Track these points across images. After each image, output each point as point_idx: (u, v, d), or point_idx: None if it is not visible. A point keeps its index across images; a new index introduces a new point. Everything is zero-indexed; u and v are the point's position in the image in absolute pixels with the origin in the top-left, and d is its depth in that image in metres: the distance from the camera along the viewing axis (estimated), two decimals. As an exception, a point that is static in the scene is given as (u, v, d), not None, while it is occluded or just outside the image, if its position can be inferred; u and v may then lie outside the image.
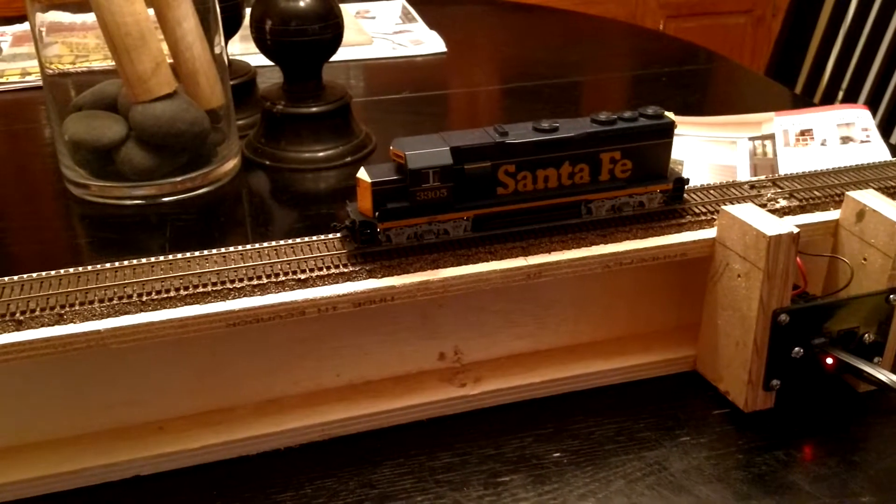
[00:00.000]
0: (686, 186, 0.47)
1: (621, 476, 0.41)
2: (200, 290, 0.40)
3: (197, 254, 0.43)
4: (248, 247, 0.43)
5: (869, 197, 0.46)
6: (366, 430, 0.45)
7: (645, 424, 0.45)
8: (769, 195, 0.48)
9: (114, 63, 0.61)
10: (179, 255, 0.43)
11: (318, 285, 0.41)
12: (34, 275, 0.41)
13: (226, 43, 0.70)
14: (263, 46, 0.68)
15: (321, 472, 0.42)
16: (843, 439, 0.44)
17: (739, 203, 0.46)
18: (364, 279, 0.42)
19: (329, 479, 0.42)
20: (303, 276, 0.41)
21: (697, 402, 0.46)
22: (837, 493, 0.40)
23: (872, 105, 1.07)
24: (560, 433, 0.44)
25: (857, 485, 0.41)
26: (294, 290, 0.41)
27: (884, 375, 0.42)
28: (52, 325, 0.38)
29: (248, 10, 0.72)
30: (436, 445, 0.44)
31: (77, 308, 0.39)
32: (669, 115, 0.45)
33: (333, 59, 0.71)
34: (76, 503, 0.41)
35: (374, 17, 1.14)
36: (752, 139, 0.75)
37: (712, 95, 0.94)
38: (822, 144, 0.73)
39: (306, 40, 0.67)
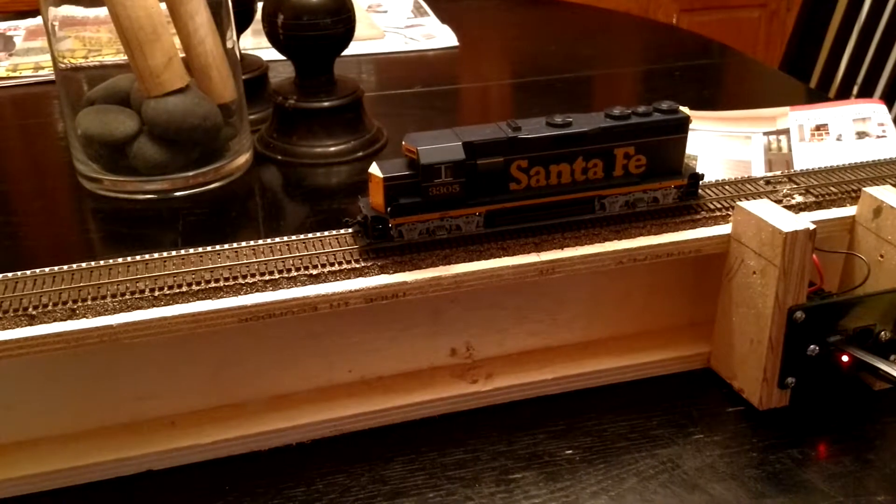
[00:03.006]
0: (701, 182, 0.46)
1: (634, 474, 0.41)
2: (213, 285, 0.40)
3: (209, 249, 0.43)
4: (260, 242, 0.43)
5: (886, 193, 0.45)
6: (377, 425, 0.44)
7: (658, 422, 0.44)
8: (785, 191, 0.48)
9: (126, 57, 0.61)
10: (192, 251, 0.42)
11: (330, 281, 0.41)
12: (47, 269, 0.41)
13: (238, 37, 0.70)
14: (275, 41, 0.68)
15: (333, 467, 0.42)
16: (858, 438, 0.43)
17: (755, 199, 0.46)
18: (376, 275, 0.42)
19: (340, 474, 0.42)
20: (315, 272, 0.41)
21: (711, 400, 0.46)
22: (852, 492, 0.40)
23: (888, 100, 1.06)
24: (572, 430, 0.44)
25: (872, 483, 0.41)
26: (306, 285, 0.41)
27: (900, 374, 0.42)
28: (65, 320, 0.38)
29: (259, 5, 0.71)
30: (447, 442, 0.43)
31: (90, 303, 0.39)
32: (684, 110, 0.45)
33: (345, 53, 0.71)
34: (89, 498, 0.41)
35: (385, 11, 1.14)
36: (766, 134, 0.74)
37: (726, 90, 0.93)
38: (838, 139, 0.73)
39: (318, 35, 0.67)
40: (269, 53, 0.77)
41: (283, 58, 0.71)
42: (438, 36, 1.04)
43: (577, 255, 0.43)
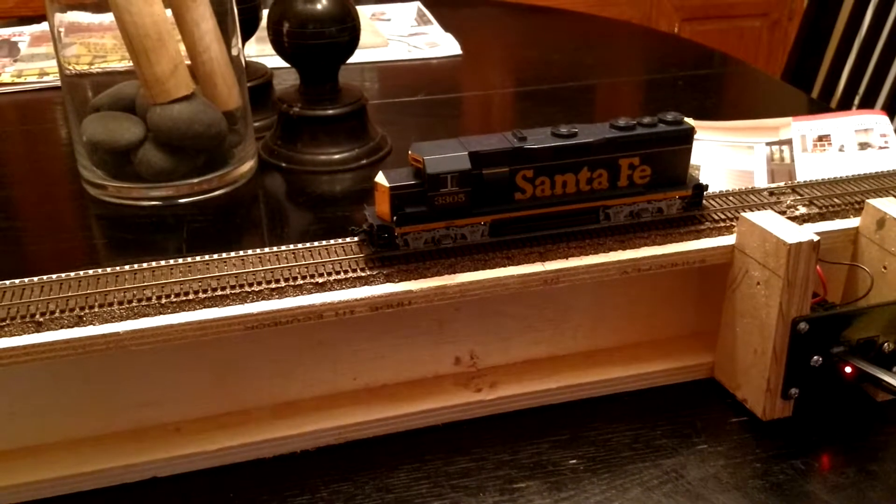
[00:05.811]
0: (705, 192, 0.46)
1: (638, 484, 0.41)
2: (219, 292, 0.40)
3: (215, 257, 0.43)
4: (267, 250, 0.43)
5: (889, 205, 0.45)
6: (382, 434, 0.45)
7: (662, 432, 0.44)
8: (789, 202, 0.48)
9: (132, 64, 0.61)
10: (198, 258, 0.43)
11: (336, 289, 0.41)
12: (54, 276, 0.41)
13: (243, 45, 0.70)
14: (280, 49, 0.69)
15: (337, 475, 0.42)
16: (861, 448, 0.44)
17: (759, 210, 0.46)
18: (381, 283, 0.42)
19: (345, 482, 0.42)
20: (321, 280, 0.41)
21: (715, 410, 0.46)
22: (855, 503, 0.40)
23: (889, 110, 1.06)
24: (576, 440, 0.44)
25: (875, 494, 0.41)
26: (312, 293, 0.41)
27: (904, 385, 0.42)
28: (72, 327, 0.39)
29: (265, 12, 0.72)
30: (452, 450, 0.43)
31: (96, 310, 0.39)
32: (689, 121, 0.45)
33: (349, 61, 0.71)
34: (93, 504, 0.41)
35: (389, 19, 1.14)
36: (769, 144, 0.75)
37: (728, 99, 0.93)
38: (840, 150, 0.73)
39: (323, 43, 0.67)
40: (274, 61, 0.77)
41: (288, 65, 0.71)
42: (442, 44, 1.04)
43: (581, 265, 0.43)
